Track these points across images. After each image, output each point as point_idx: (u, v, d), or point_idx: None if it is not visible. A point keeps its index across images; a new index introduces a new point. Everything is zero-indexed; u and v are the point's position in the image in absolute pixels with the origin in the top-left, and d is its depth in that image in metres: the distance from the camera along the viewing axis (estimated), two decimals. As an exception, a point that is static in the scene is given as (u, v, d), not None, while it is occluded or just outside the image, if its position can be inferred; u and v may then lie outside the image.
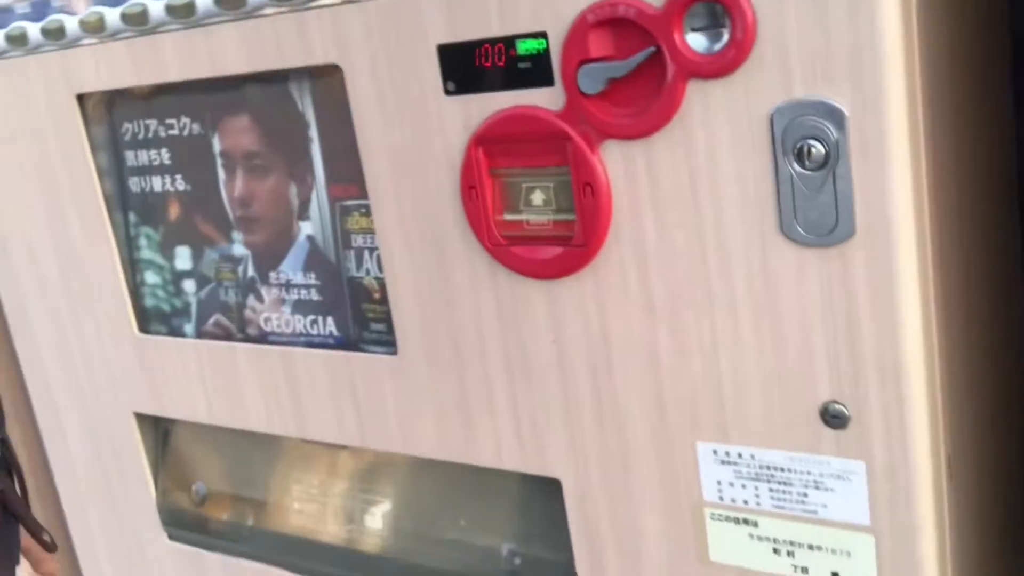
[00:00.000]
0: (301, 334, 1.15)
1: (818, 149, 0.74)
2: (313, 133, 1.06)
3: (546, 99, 0.86)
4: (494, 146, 0.91)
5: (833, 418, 0.80)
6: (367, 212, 1.05)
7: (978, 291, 0.97)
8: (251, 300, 1.18)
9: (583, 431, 0.95)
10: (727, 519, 0.89)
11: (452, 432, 1.05)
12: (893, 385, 0.77)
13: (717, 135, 0.79)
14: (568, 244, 0.89)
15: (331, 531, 1.23)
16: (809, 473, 0.83)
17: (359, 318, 1.10)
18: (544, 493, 1.02)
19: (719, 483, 0.88)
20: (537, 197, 0.91)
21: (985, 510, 0.99)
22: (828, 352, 0.79)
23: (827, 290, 0.78)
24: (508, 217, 0.93)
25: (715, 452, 0.88)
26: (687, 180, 0.81)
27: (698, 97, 0.79)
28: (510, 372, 0.98)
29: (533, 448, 0.99)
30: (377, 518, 1.20)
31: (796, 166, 0.76)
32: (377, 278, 1.07)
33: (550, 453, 0.98)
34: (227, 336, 1.21)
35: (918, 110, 0.75)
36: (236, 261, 1.18)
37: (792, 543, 0.86)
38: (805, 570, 0.86)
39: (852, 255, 0.76)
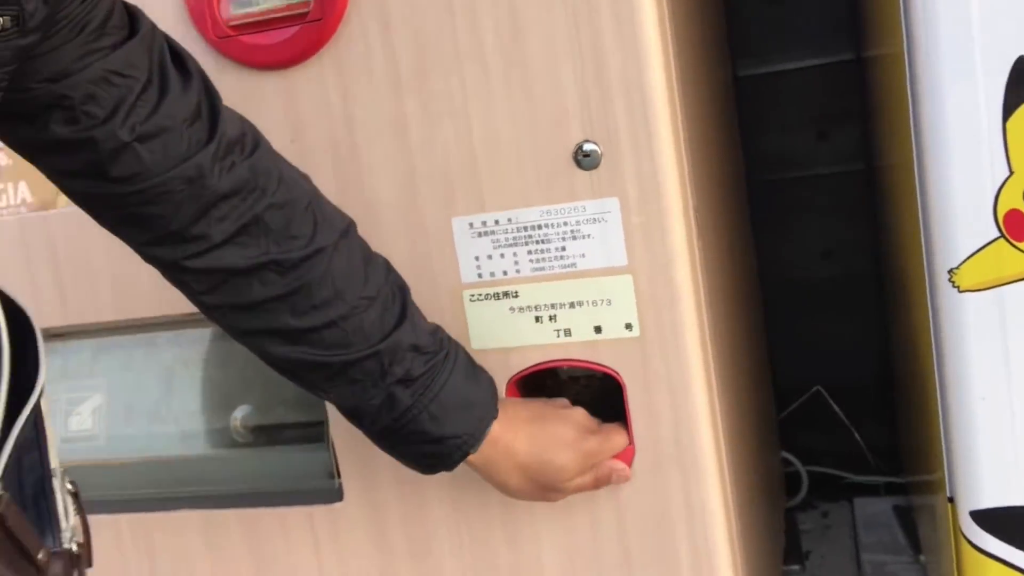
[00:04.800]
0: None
1: None
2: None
3: None
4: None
5: (585, 157, 0.82)
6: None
7: (712, 31, 1.04)
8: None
9: (329, 236, 0.90)
10: (486, 297, 0.87)
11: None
12: (641, 115, 0.81)
13: None
14: (304, 21, 0.85)
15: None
16: (566, 224, 0.84)
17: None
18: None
19: (477, 259, 0.87)
20: (267, -22, 0.87)
21: (724, 252, 1.05)
22: (578, 91, 0.81)
23: (573, 26, 0.80)
24: (236, 8, 0.88)
25: (471, 225, 0.86)
26: (427, -69, 0.81)
27: None
28: (244, 185, 0.91)
29: (274, 269, 0.92)
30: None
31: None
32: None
33: (293, 270, 0.91)
34: None
35: None
36: None
37: (553, 306, 0.86)
38: (568, 332, 0.86)
39: (593, -18, 0.79)
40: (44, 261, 0.95)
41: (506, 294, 0.87)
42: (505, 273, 0.87)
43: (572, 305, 0.86)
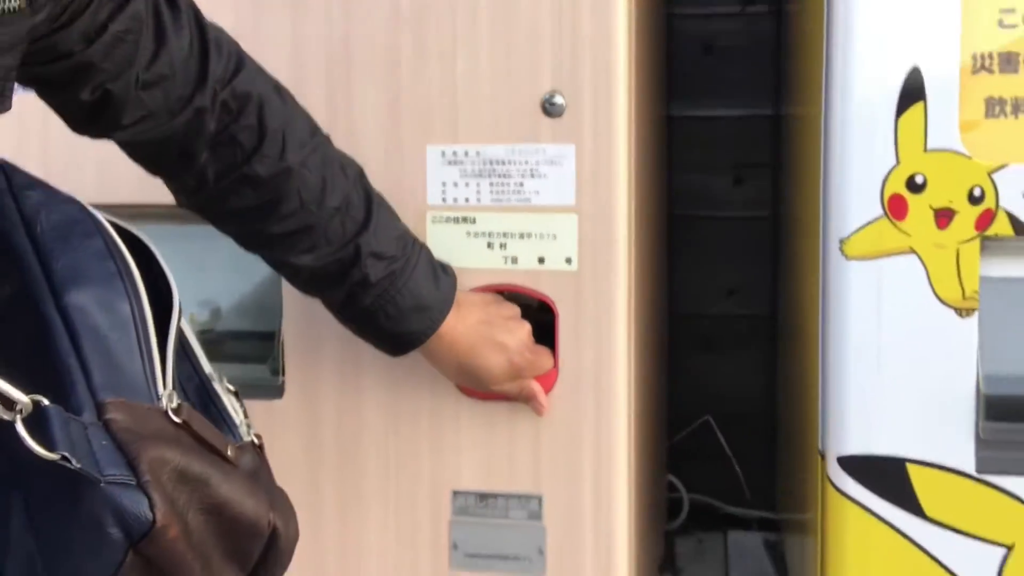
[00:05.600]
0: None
1: None
2: None
3: None
4: None
5: (552, 106, 0.95)
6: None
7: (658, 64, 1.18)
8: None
9: (312, 150, 0.99)
10: (447, 220, 0.98)
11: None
12: (604, 78, 0.94)
13: None
14: (321, -45, 0.97)
15: None
16: (527, 163, 0.96)
17: None
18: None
19: (444, 184, 0.98)
20: (295, -86, 0.98)
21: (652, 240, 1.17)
22: (553, 47, 0.94)
23: (557, -7, 0.94)
24: (259, -64, 0.99)
25: (443, 153, 0.97)
26: None
27: None
28: (241, 94, 1.00)
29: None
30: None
31: None
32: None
33: (273, 177, 1.01)
34: None
35: None
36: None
37: (505, 235, 0.97)
38: (515, 260, 0.97)
39: (580, -45, 0.93)
40: (35, 134, 1.02)
41: (465, 219, 0.98)
42: (467, 200, 0.98)
43: (521, 236, 0.97)
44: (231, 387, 0.67)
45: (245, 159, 0.81)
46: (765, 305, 1.75)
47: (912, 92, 0.88)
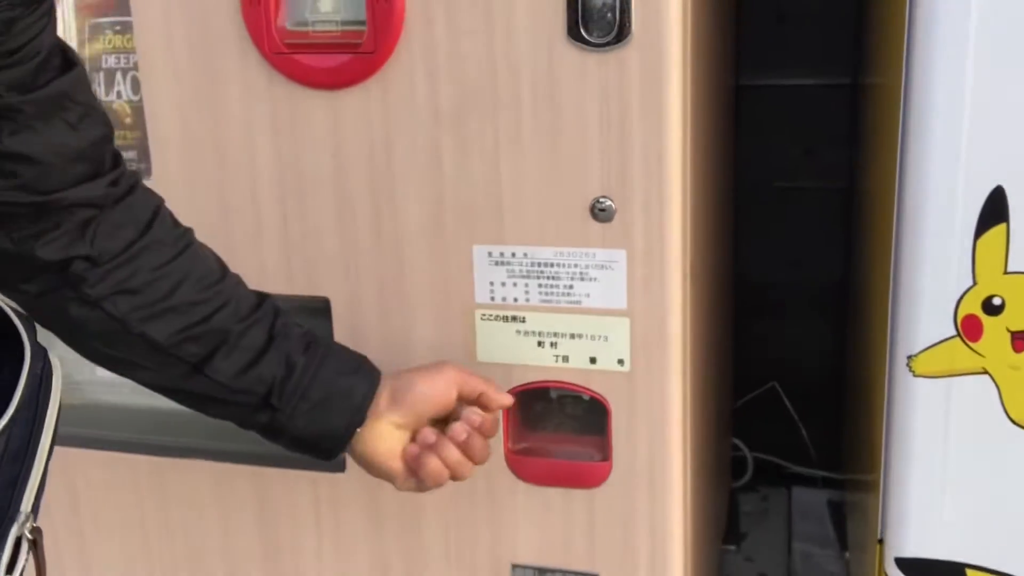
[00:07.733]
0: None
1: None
2: (62, -63, 0.99)
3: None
4: (281, -51, 0.91)
5: (601, 212, 0.91)
6: (124, 29, 1.00)
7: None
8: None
9: (357, 247, 0.98)
10: (496, 318, 0.96)
11: (210, 260, 1.02)
12: (656, 184, 0.89)
13: (512, -55, 0.86)
14: (356, 51, 0.92)
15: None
16: (576, 266, 0.93)
17: (105, 143, 1.04)
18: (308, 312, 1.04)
19: (492, 284, 0.95)
20: (325, 4, 0.93)
21: (713, 300, 1.15)
22: (601, 150, 0.89)
23: (604, 96, 0.88)
24: (292, 27, 0.94)
25: (490, 254, 0.95)
26: (481, -13, 0.88)
27: (497, -93, 0.86)
28: (282, 189, 0.98)
29: (301, 268, 1.00)
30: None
31: (583, -24, 0.85)
32: (130, 101, 1.02)
33: (320, 272, 1.00)
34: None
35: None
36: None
37: (556, 334, 0.95)
38: (566, 358, 0.96)
39: (629, 58, 0.86)
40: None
41: (514, 318, 0.96)
42: (516, 300, 0.96)
43: (572, 336, 0.95)
44: (31, 535, 0.61)
45: None
46: (830, 275, 1.70)
47: (994, 213, 0.82)
